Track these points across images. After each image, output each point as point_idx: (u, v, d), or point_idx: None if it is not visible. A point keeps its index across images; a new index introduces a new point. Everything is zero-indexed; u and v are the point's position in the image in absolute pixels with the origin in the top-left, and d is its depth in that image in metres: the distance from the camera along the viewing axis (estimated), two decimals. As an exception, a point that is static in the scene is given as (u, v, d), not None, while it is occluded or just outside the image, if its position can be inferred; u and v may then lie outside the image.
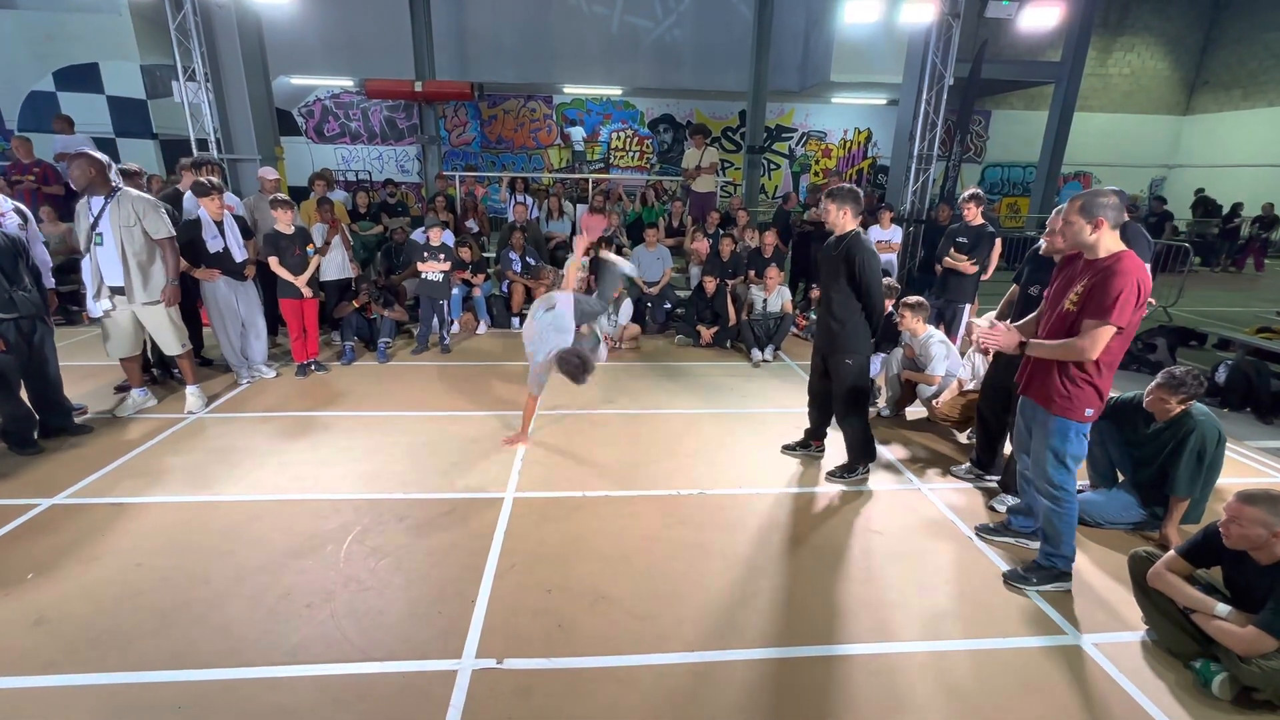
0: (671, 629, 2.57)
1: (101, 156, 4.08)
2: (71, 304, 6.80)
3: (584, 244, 4.46)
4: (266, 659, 2.35)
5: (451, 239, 6.97)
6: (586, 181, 11.20)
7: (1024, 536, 3.18)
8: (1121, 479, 3.52)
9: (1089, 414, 2.64)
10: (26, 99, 10.71)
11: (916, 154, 8.37)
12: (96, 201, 4.08)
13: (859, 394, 3.70)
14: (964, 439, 4.53)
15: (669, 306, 7.29)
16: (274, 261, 5.14)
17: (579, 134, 15.10)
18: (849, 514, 3.50)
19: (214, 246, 4.82)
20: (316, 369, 5.50)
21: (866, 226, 4.49)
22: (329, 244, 5.84)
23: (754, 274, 6.87)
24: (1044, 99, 14.47)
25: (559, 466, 3.94)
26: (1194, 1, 15.63)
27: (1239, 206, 13.52)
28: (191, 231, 4.75)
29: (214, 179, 4.90)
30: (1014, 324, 3.16)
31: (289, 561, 2.91)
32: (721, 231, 7.56)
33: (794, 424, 4.66)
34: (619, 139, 16.05)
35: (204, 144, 7.21)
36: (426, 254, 6.11)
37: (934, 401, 4.52)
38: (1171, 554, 2.49)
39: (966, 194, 5.68)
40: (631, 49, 14.06)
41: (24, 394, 3.98)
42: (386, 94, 13.44)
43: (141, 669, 2.29)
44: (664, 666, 2.38)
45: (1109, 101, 16.35)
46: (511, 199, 9.07)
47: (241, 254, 4.98)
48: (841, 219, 3.52)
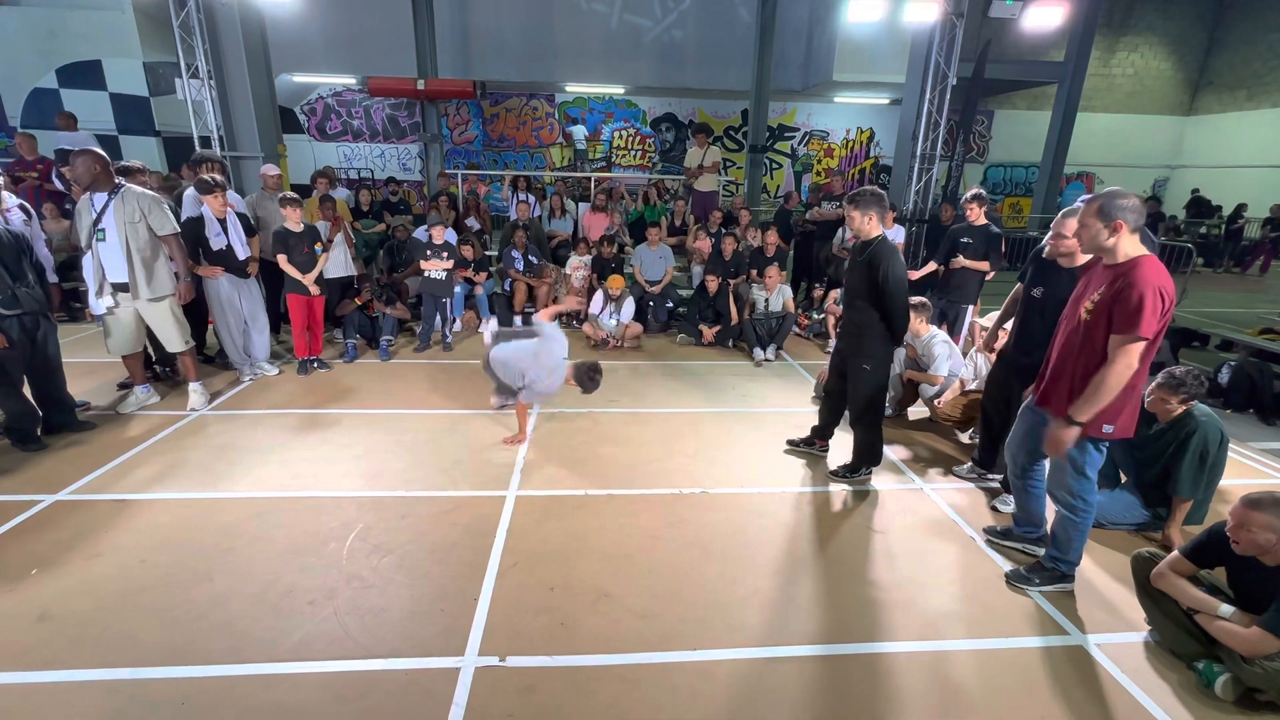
0: (674, 627, 2.57)
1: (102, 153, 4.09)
2: (74, 301, 6.80)
3: (553, 312, 4.51)
4: (269, 656, 2.35)
5: (454, 237, 6.97)
6: (589, 180, 11.20)
7: (1030, 542, 3.14)
8: (1124, 479, 3.52)
9: (1107, 430, 2.53)
10: (30, 96, 10.72)
11: (919, 154, 8.35)
12: (99, 198, 4.08)
13: (875, 398, 3.67)
14: (966, 439, 4.52)
15: (671, 305, 7.29)
16: (283, 259, 5.14)
17: (581, 132, 15.10)
18: (851, 513, 3.50)
19: (217, 244, 4.83)
20: (319, 367, 5.51)
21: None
22: (331, 241, 5.85)
23: (756, 273, 6.87)
24: (1047, 99, 14.44)
25: (561, 465, 3.94)
26: (1198, 2, 15.58)
27: (1242, 207, 13.48)
28: (194, 229, 4.76)
29: (217, 176, 4.90)
30: (1026, 330, 3.16)
31: (291, 558, 2.92)
32: (724, 230, 7.56)
33: (796, 423, 4.67)
34: (621, 138, 16.04)
35: (207, 141, 7.21)
36: (429, 252, 6.11)
37: (936, 401, 4.52)
38: (1175, 554, 2.48)
39: (969, 194, 5.66)
40: (634, 48, 14.05)
41: (27, 390, 3.99)
42: (389, 92, 13.45)
43: (144, 665, 2.30)
44: (666, 665, 2.38)
45: (1112, 102, 16.31)
46: (514, 197, 9.08)
47: (244, 251, 4.99)
48: (867, 224, 3.44)
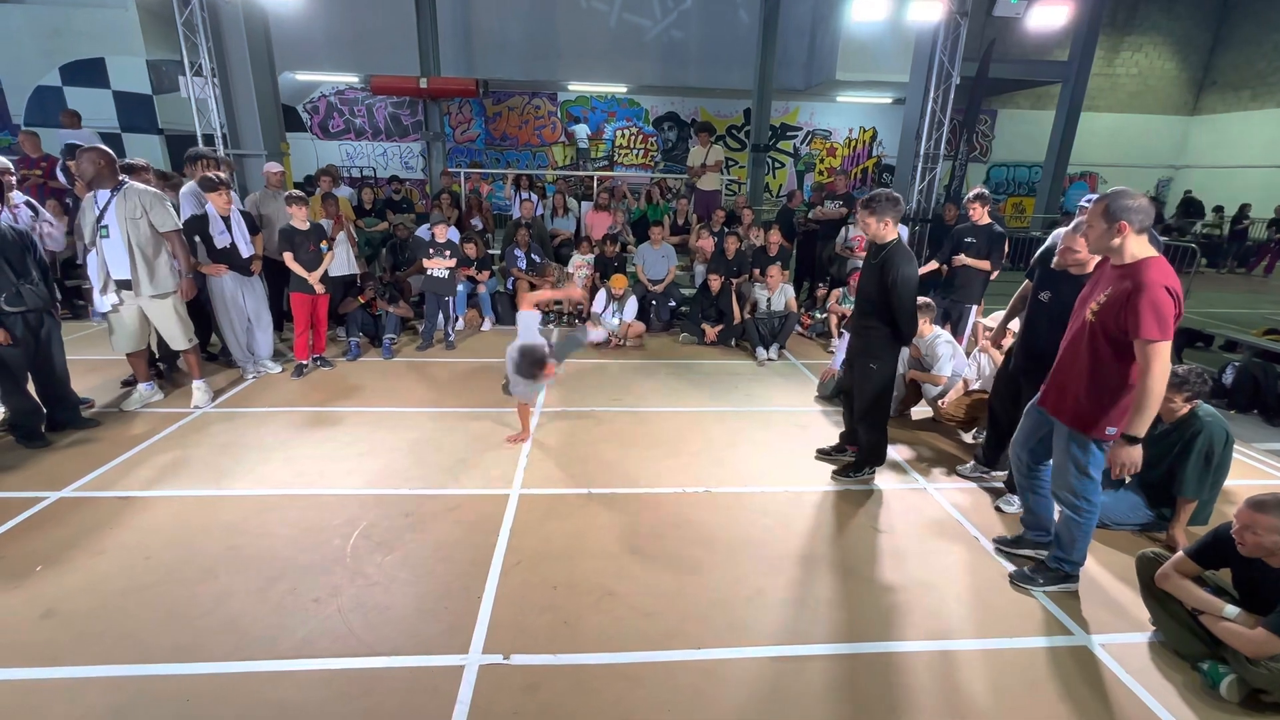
0: (677, 626, 2.57)
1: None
2: (77, 299, 6.81)
3: (535, 299, 4.21)
4: (273, 653, 2.36)
5: (456, 236, 6.98)
6: (591, 179, 11.20)
7: (1042, 548, 3.09)
8: (1128, 480, 3.51)
9: (1110, 432, 2.53)
10: (33, 94, 10.73)
11: (923, 153, 8.34)
12: (103, 195, 4.09)
13: (881, 398, 3.67)
14: (969, 439, 4.52)
15: (673, 305, 7.29)
16: (289, 256, 5.14)
17: (583, 131, 15.09)
18: (855, 513, 3.50)
19: (221, 242, 4.83)
20: (321, 365, 5.51)
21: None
22: (334, 239, 5.84)
23: (758, 272, 6.87)
24: (1050, 98, 14.41)
25: (564, 464, 3.94)
26: (1202, 2, 15.54)
27: (1246, 207, 13.45)
28: (197, 226, 4.76)
29: (222, 174, 4.90)
30: (1033, 331, 3.14)
31: (295, 556, 2.92)
32: (726, 230, 7.55)
33: (798, 422, 4.67)
34: (623, 137, 16.03)
35: (210, 139, 7.22)
36: (432, 250, 6.12)
37: (940, 401, 4.51)
38: (1180, 555, 2.48)
39: (972, 194, 5.65)
40: (636, 47, 14.03)
41: (32, 388, 4.00)
42: (391, 90, 13.46)
43: (149, 662, 2.30)
44: (670, 664, 2.38)
45: (1116, 101, 16.27)
46: (516, 196, 9.08)
47: (248, 249, 4.99)
48: (882, 229, 3.43)
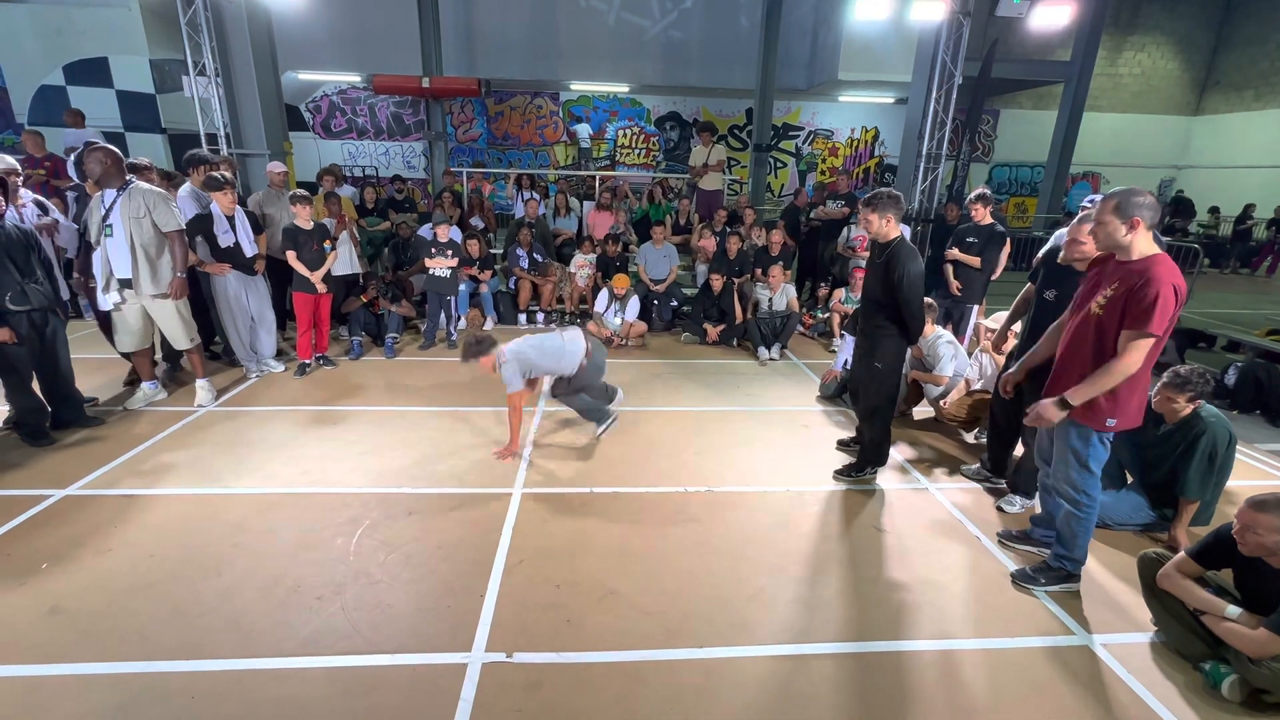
0: (680, 625, 2.57)
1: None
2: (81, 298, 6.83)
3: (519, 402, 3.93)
4: (277, 650, 2.37)
5: (459, 235, 6.98)
6: (593, 179, 11.20)
7: (1045, 545, 3.11)
8: (1130, 480, 3.51)
9: (1110, 424, 2.55)
10: (37, 93, 10.74)
11: (925, 153, 8.33)
12: (109, 194, 4.11)
13: (885, 398, 3.68)
14: (971, 439, 4.52)
15: (675, 304, 7.29)
16: (292, 256, 5.16)
17: (585, 131, 15.09)
18: (857, 513, 3.50)
19: (225, 241, 4.84)
20: (324, 364, 5.52)
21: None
22: (336, 239, 5.86)
23: (760, 272, 6.88)
24: (1053, 98, 14.38)
25: (566, 463, 3.95)
26: (1205, 1, 15.50)
27: (1250, 207, 13.43)
28: (201, 226, 4.77)
29: (227, 174, 4.91)
30: (1038, 333, 3.15)
31: (299, 554, 2.93)
32: (728, 229, 7.56)
33: (801, 422, 4.68)
34: (625, 136, 16.04)
35: (213, 139, 7.23)
36: (434, 250, 6.13)
37: (941, 402, 4.51)
38: (1181, 555, 2.48)
39: (974, 194, 5.65)
40: (638, 46, 14.04)
41: (37, 387, 4.01)
42: (394, 90, 13.47)
43: (154, 659, 2.31)
44: (672, 662, 2.39)
45: (1119, 101, 16.24)
46: (519, 195, 9.08)
47: (252, 249, 5.00)
48: (885, 227, 3.44)
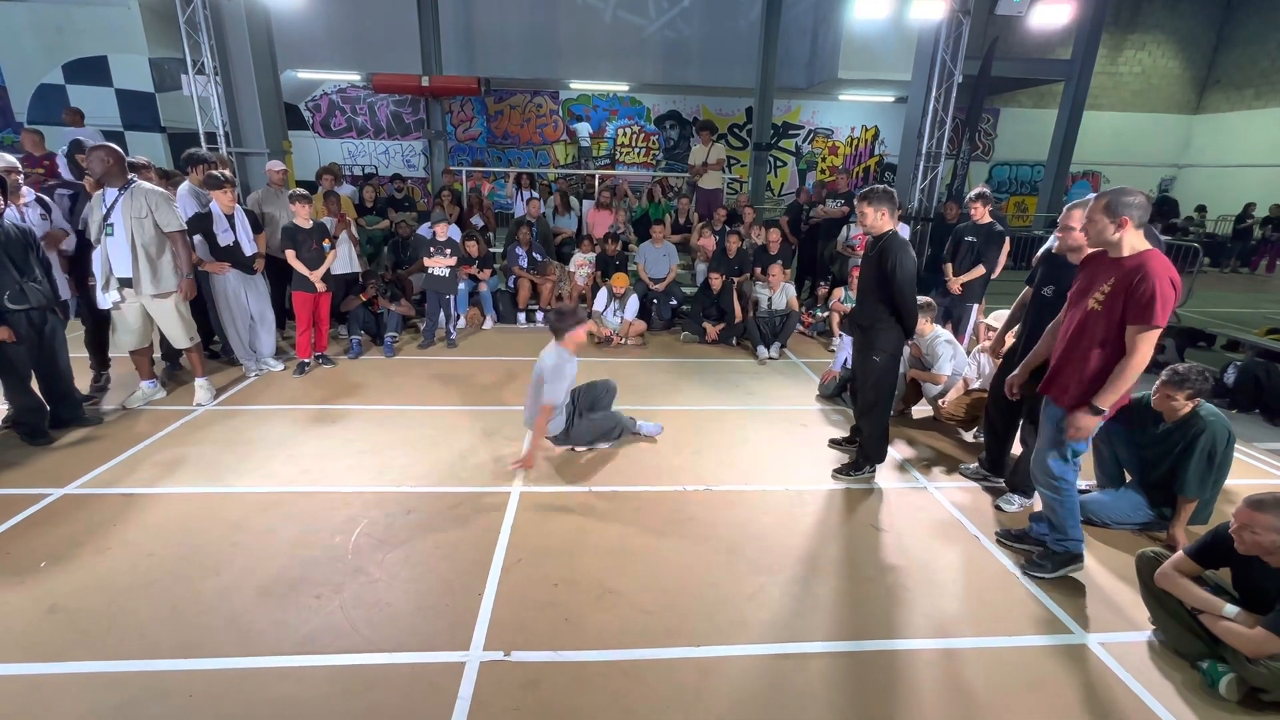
0: (677, 623, 2.58)
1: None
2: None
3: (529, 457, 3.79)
4: (276, 649, 2.37)
5: (458, 234, 6.98)
6: (592, 178, 11.20)
7: (1042, 545, 3.10)
8: (1129, 479, 3.51)
9: (1103, 410, 2.61)
10: (36, 91, 10.74)
11: (925, 152, 8.32)
12: (111, 193, 4.11)
13: (883, 393, 3.68)
14: (970, 438, 4.52)
15: (675, 303, 7.29)
16: (291, 255, 5.15)
17: (585, 130, 15.08)
18: (855, 512, 3.50)
19: (224, 240, 4.84)
20: (323, 363, 5.52)
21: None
22: (336, 238, 5.86)
23: (760, 271, 6.87)
24: (1053, 97, 14.36)
25: (564, 461, 3.95)
26: (1206, 0, 15.49)
27: (1251, 206, 13.42)
28: (200, 225, 4.77)
29: (227, 172, 4.92)
30: (1038, 330, 3.15)
31: (298, 553, 2.93)
32: (728, 228, 7.56)
33: (800, 421, 4.68)
34: (625, 135, 16.02)
35: (212, 137, 7.23)
36: (433, 249, 6.12)
37: (940, 401, 4.51)
38: (1180, 554, 2.48)
39: (974, 193, 5.64)
40: (638, 45, 14.02)
41: (35, 386, 4.01)
42: (393, 88, 13.45)
43: (152, 658, 2.31)
44: (670, 660, 2.39)
45: (1119, 100, 16.21)
46: (519, 195, 9.07)
47: (251, 248, 5.00)
48: (879, 220, 3.47)
